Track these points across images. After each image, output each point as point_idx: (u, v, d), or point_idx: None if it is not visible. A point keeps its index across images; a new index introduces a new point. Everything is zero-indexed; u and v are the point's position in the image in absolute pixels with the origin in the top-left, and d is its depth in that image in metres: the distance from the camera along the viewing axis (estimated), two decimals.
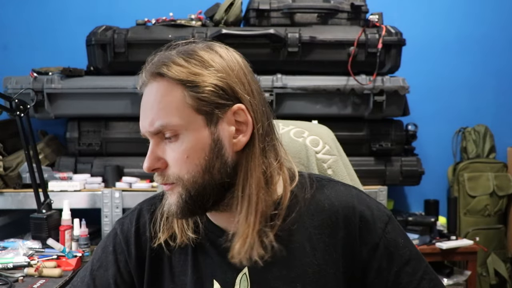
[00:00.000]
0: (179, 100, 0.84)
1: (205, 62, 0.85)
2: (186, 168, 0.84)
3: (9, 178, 2.36)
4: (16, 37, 2.89)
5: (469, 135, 2.98)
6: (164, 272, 0.95)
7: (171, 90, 0.84)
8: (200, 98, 0.83)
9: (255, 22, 2.53)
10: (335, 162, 1.23)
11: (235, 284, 0.90)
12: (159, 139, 0.85)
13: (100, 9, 2.88)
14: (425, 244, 2.53)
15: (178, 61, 0.85)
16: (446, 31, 3.02)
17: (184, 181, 0.84)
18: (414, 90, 2.54)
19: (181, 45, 0.89)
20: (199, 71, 0.84)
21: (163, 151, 0.85)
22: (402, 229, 0.93)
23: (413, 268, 0.89)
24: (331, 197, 0.92)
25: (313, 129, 1.29)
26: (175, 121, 0.83)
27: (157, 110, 0.84)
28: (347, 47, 2.46)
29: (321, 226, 0.90)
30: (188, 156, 0.84)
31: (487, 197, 2.87)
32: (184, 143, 0.84)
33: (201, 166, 0.84)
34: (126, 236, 0.97)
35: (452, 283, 2.56)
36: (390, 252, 0.89)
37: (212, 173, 0.85)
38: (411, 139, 2.61)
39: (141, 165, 2.86)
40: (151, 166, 0.85)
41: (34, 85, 2.40)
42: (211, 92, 0.84)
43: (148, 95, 0.86)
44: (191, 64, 0.84)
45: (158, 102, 0.84)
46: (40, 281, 1.62)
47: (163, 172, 0.86)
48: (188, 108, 0.83)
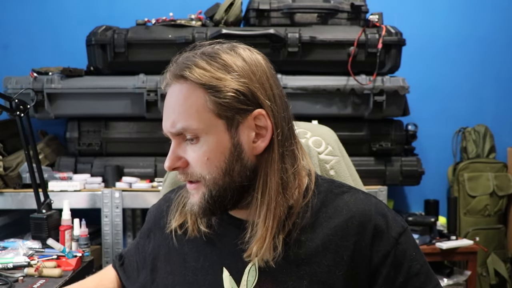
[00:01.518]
0: (200, 104, 0.85)
1: (227, 66, 0.86)
2: (207, 169, 0.86)
3: (9, 178, 2.36)
4: (16, 37, 2.89)
5: (469, 135, 2.98)
6: (177, 257, 0.99)
7: (193, 93, 0.85)
8: (222, 104, 0.84)
9: (255, 22, 2.53)
10: (338, 163, 1.23)
11: (244, 273, 0.91)
12: (181, 139, 0.88)
13: (100, 9, 2.88)
14: (425, 244, 2.53)
15: (201, 64, 0.86)
16: (446, 31, 3.02)
17: (206, 181, 0.87)
18: (414, 90, 2.54)
19: (206, 46, 0.91)
20: (221, 76, 0.85)
21: (184, 151, 0.88)
22: (416, 244, 0.94)
23: (421, 283, 0.90)
24: (350, 203, 0.93)
25: (316, 130, 1.29)
26: (195, 124, 0.85)
27: (179, 112, 0.86)
28: (347, 47, 2.46)
29: (335, 229, 0.91)
30: (209, 158, 0.86)
31: (487, 197, 2.87)
32: (204, 145, 0.86)
33: (221, 169, 0.86)
34: (160, 212, 1.07)
35: (452, 283, 2.56)
36: (399, 262, 0.90)
37: (232, 175, 0.87)
38: (411, 139, 2.61)
39: (141, 165, 2.85)
40: (171, 165, 0.88)
41: (34, 85, 2.40)
42: (232, 98, 0.84)
43: (170, 97, 0.88)
44: (214, 68, 0.85)
45: (180, 104, 0.86)
46: (40, 281, 1.61)
47: (185, 170, 0.88)
48: (209, 112, 0.85)
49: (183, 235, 0.98)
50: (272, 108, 0.87)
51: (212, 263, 0.94)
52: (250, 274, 0.91)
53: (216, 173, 0.86)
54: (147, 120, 2.46)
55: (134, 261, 1.10)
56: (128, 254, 1.13)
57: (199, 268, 0.95)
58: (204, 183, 0.87)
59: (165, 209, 1.05)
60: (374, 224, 0.90)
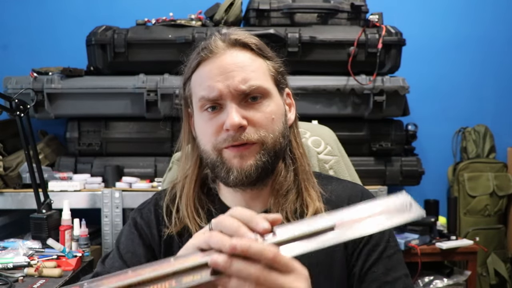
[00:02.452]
0: (265, 68, 0.92)
1: (267, 47, 0.96)
2: (272, 129, 0.89)
3: (9, 178, 2.36)
4: (16, 37, 2.89)
5: (469, 135, 2.98)
6: (175, 246, 0.97)
7: (257, 59, 0.92)
8: (278, 72, 0.94)
9: (255, 22, 2.53)
10: (337, 163, 1.24)
11: None
12: (241, 99, 0.88)
13: (100, 9, 2.88)
14: (425, 244, 2.53)
15: (255, 38, 0.94)
16: (446, 31, 3.02)
17: (267, 141, 0.89)
18: (414, 90, 2.54)
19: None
20: (271, 51, 0.96)
21: (247, 110, 0.88)
22: (393, 234, 0.96)
23: (392, 266, 0.91)
24: (338, 189, 0.98)
25: (315, 130, 1.29)
26: (267, 84, 0.90)
27: (249, 71, 0.89)
28: (347, 47, 2.46)
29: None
30: (274, 118, 0.90)
31: (487, 197, 2.87)
32: (270, 105, 0.90)
33: (280, 130, 0.91)
34: (147, 221, 1.00)
35: (452, 283, 2.56)
36: (376, 243, 0.92)
37: (285, 138, 0.93)
38: (411, 139, 2.61)
39: (141, 165, 2.83)
40: (240, 122, 0.86)
41: (34, 85, 2.40)
42: (281, 69, 0.95)
43: (232, 58, 0.90)
44: (264, 44, 0.95)
45: (247, 65, 0.89)
46: (40, 281, 1.61)
47: (245, 130, 0.87)
48: (270, 76, 0.93)
49: (183, 237, 0.96)
50: (291, 91, 1.00)
51: None
52: None
53: (276, 133, 0.90)
54: (147, 120, 2.46)
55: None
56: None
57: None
58: (262, 144, 0.88)
59: (152, 220, 1.00)
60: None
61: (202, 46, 0.92)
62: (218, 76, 0.88)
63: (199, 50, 0.92)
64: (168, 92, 2.37)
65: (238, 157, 0.88)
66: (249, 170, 0.87)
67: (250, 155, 0.88)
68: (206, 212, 0.95)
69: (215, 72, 0.88)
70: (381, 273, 0.90)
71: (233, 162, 0.88)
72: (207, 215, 0.95)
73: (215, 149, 0.89)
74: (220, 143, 0.88)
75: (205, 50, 0.91)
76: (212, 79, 0.88)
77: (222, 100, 0.87)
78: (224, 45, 0.90)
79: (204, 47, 0.91)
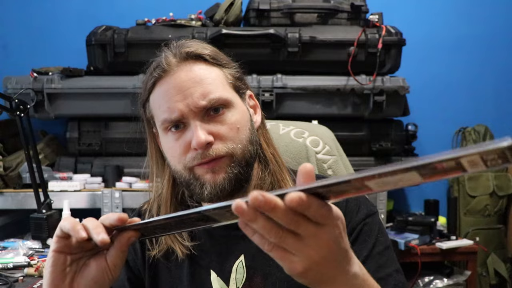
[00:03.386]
0: (222, 78, 0.90)
1: (221, 52, 0.94)
2: (239, 139, 0.88)
3: (9, 178, 2.36)
4: (16, 37, 2.89)
5: (469, 135, 2.98)
6: (162, 269, 0.96)
7: (212, 69, 0.90)
8: (236, 77, 0.92)
9: (255, 22, 2.53)
10: (335, 163, 1.24)
11: (232, 272, 0.91)
12: (203, 114, 0.87)
13: (100, 9, 2.88)
14: (425, 244, 2.53)
15: (207, 46, 0.92)
16: (446, 31, 3.02)
17: (236, 153, 0.87)
18: (414, 90, 2.54)
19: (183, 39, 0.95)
20: (225, 57, 0.94)
21: (209, 126, 0.87)
22: (384, 230, 0.96)
23: (383, 262, 0.90)
24: None
25: (314, 129, 1.29)
26: (226, 94, 0.89)
27: (206, 85, 0.87)
28: (347, 47, 2.46)
29: None
30: (239, 128, 0.89)
31: (487, 197, 2.87)
32: (234, 115, 0.89)
33: (248, 137, 0.90)
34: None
35: (452, 283, 2.56)
36: (363, 239, 0.92)
37: (253, 144, 0.91)
38: (411, 139, 2.61)
39: (141, 165, 2.83)
40: (207, 139, 0.84)
41: (34, 85, 2.40)
42: (239, 74, 0.94)
43: (187, 74, 0.87)
44: (217, 51, 0.93)
45: (203, 79, 0.87)
46: (40, 281, 1.61)
47: (212, 145, 0.86)
48: (228, 85, 0.91)
49: (162, 262, 0.95)
50: (252, 91, 0.98)
51: (198, 268, 0.93)
52: (238, 271, 0.91)
53: (244, 142, 0.89)
54: None
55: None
56: None
57: (185, 276, 0.94)
58: (231, 156, 0.87)
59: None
60: (345, 206, 0.93)
61: (155, 65, 0.89)
62: (176, 95, 0.86)
63: (151, 70, 0.90)
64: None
65: (210, 172, 0.87)
66: (222, 184, 0.86)
67: (221, 169, 0.87)
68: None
69: (172, 92, 0.86)
70: (373, 270, 0.89)
71: (205, 177, 0.87)
72: (189, 232, 0.94)
73: (186, 168, 0.88)
74: (190, 161, 0.87)
75: (158, 69, 0.88)
76: (170, 100, 0.86)
77: (184, 119, 0.86)
78: (176, 60, 0.88)
79: (157, 66, 0.89)
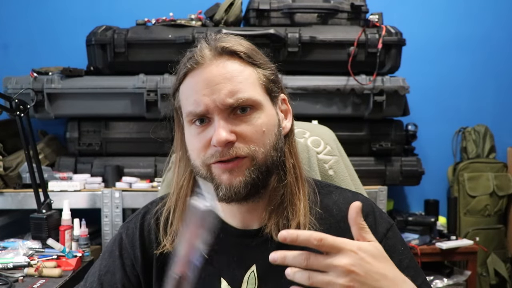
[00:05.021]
0: (254, 78, 0.87)
1: (259, 52, 0.91)
2: (262, 142, 0.85)
3: (9, 178, 2.36)
4: (16, 37, 2.89)
5: (469, 135, 2.98)
6: (170, 260, 0.95)
7: (246, 68, 0.87)
8: (269, 79, 0.89)
9: (255, 22, 2.53)
10: (336, 163, 1.23)
11: (243, 282, 0.90)
12: (229, 112, 0.84)
13: (100, 9, 2.88)
14: (425, 244, 2.53)
15: (245, 43, 0.89)
16: (446, 31, 3.02)
17: (257, 156, 0.85)
18: (414, 90, 2.54)
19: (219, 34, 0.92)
20: (262, 57, 0.91)
21: (235, 124, 0.84)
22: (403, 240, 0.95)
23: (411, 276, 0.89)
24: (339, 203, 0.95)
25: (315, 129, 1.29)
26: (255, 95, 0.86)
27: (236, 83, 0.84)
28: (347, 47, 2.46)
29: (329, 230, 0.90)
30: (265, 131, 0.86)
31: (487, 197, 2.87)
32: (261, 117, 0.86)
33: (271, 143, 0.87)
34: (131, 240, 0.97)
35: (452, 283, 2.56)
36: (389, 255, 0.89)
37: (277, 151, 0.88)
38: (411, 139, 2.61)
39: (141, 165, 2.83)
40: (228, 137, 0.82)
41: (34, 85, 2.40)
42: (273, 76, 0.90)
43: (219, 69, 0.85)
44: (255, 50, 0.90)
45: (235, 76, 0.85)
46: (40, 281, 1.61)
47: (234, 144, 0.84)
48: (260, 86, 0.88)
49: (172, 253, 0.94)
50: (287, 96, 0.95)
51: (208, 274, 0.92)
52: (249, 282, 0.90)
53: (268, 147, 0.86)
54: (147, 120, 2.46)
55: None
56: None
57: (195, 282, 0.93)
58: (252, 158, 0.84)
59: (151, 224, 0.98)
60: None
61: (189, 55, 0.88)
62: (204, 89, 0.84)
63: (185, 60, 0.88)
64: (168, 92, 2.36)
65: (227, 172, 0.84)
66: (238, 187, 0.84)
67: (239, 171, 0.84)
68: None
69: (201, 86, 0.84)
70: None
71: (222, 178, 0.85)
72: None
73: (204, 165, 0.86)
74: (208, 158, 0.85)
75: (192, 60, 0.87)
76: (198, 93, 0.84)
77: (209, 114, 0.84)
78: (211, 54, 0.86)
79: (191, 57, 0.87)
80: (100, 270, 0.97)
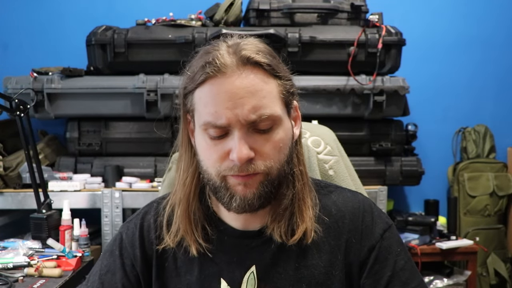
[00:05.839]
0: (276, 92, 0.85)
1: (279, 59, 0.88)
2: (278, 158, 0.85)
3: (9, 178, 2.36)
4: (16, 37, 2.89)
5: (469, 135, 2.98)
6: (170, 272, 0.95)
7: (268, 81, 0.84)
8: (288, 91, 0.87)
9: (255, 22, 2.53)
10: (337, 163, 1.23)
11: (243, 282, 0.90)
12: (250, 128, 0.82)
13: (100, 9, 2.88)
14: (425, 244, 2.53)
15: (267, 50, 0.86)
16: (446, 31, 3.02)
17: (272, 172, 0.84)
18: (414, 90, 2.54)
19: (236, 36, 0.90)
20: (282, 66, 0.88)
21: (253, 140, 0.83)
22: (401, 241, 0.95)
23: (406, 278, 0.90)
24: (338, 203, 0.95)
25: (315, 130, 1.29)
26: (277, 111, 0.84)
27: (260, 98, 0.81)
28: (347, 47, 2.46)
29: (327, 230, 0.92)
30: (282, 146, 0.85)
31: (487, 197, 2.87)
32: (280, 132, 0.85)
33: (286, 156, 0.87)
34: (131, 239, 0.97)
35: (452, 283, 2.56)
36: (384, 256, 0.90)
37: (289, 164, 0.88)
38: (411, 139, 2.61)
39: (141, 165, 2.83)
40: (250, 155, 0.81)
41: (34, 85, 2.40)
42: (292, 88, 0.88)
43: (243, 82, 0.81)
44: (276, 57, 0.87)
45: (258, 90, 0.82)
46: (40, 281, 1.61)
47: (252, 161, 0.82)
48: (280, 99, 0.85)
49: (174, 251, 0.94)
50: (298, 102, 0.93)
51: (208, 275, 0.92)
52: (249, 282, 0.90)
53: (282, 162, 0.85)
54: (147, 120, 2.46)
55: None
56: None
57: (194, 282, 0.93)
58: (267, 174, 0.84)
59: (151, 224, 0.98)
60: (362, 221, 0.92)
61: (208, 59, 0.83)
62: (227, 102, 0.80)
63: (204, 63, 0.83)
64: (168, 92, 2.37)
65: (242, 184, 0.84)
66: (251, 199, 0.84)
67: (253, 184, 0.84)
68: (203, 229, 0.92)
69: (224, 97, 0.80)
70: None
71: (237, 188, 0.84)
72: (204, 232, 0.92)
73: (220, 176, 0.84)
74: (225, 171, 0.83)
75: (213, 66, 0.82)
76: (220, 105, 0.81)
77: (229, 127, 0.82)
78: (234, 63, 0.82)
79: (211, 62, 0.82)
80: (101, 270, 0.97)
